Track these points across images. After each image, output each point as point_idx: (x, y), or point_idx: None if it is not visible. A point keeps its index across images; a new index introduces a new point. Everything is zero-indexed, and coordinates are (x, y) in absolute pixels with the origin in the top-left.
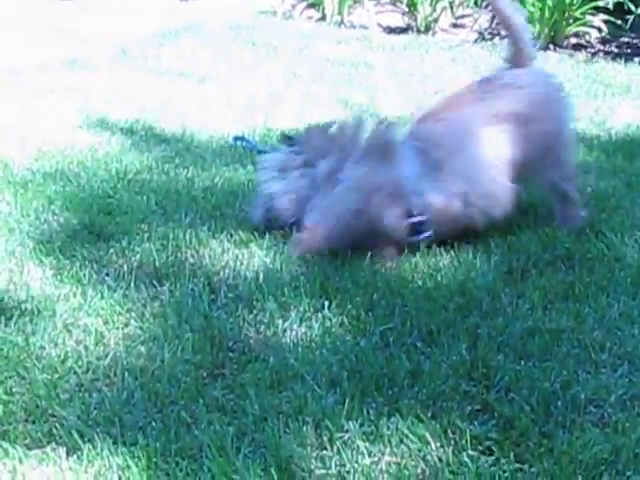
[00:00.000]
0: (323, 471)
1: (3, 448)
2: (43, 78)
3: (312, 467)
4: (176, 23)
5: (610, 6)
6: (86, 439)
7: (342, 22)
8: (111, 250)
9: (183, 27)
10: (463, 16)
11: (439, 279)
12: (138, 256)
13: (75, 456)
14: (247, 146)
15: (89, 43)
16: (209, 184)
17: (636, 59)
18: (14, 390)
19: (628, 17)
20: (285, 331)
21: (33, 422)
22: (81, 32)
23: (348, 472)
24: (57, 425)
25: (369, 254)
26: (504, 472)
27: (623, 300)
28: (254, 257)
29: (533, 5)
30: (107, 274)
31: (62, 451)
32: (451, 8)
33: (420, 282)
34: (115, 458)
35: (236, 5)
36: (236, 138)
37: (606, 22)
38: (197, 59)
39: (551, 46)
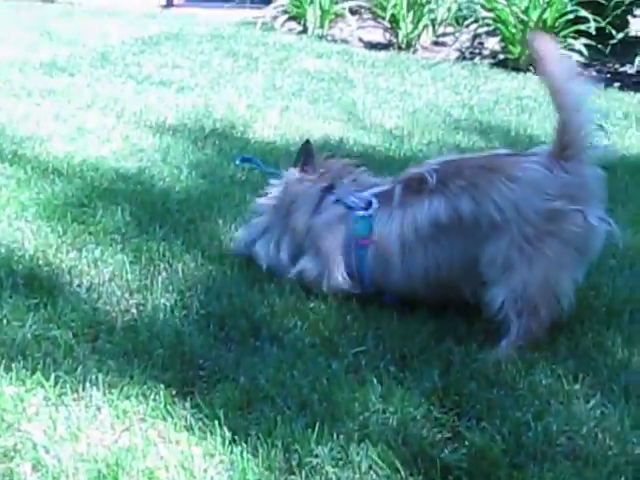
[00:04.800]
0: None
1: None
2: (22, 80)
3: None
4: (158, 30)
5: (592, 31)
6: (52, 455)
7: (323, 36)
8: (83, 260)
9: (164, 35)
10: (444, 34)
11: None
12: (111, 268)
13: (40, 473)
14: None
15: (69, 46)
16: (185, 197)
17: (616, 84)
18: None
19: (609, 42)
20: (256, 350)
21: None
22: (62, 35)
23: None
24: (23, 440)
25: None
26: None
27: (597, 329)
28: (227, 273)
29: (515, 27)
30: (79, 285)
31: (27, 467)
32: (433, 26)
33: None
34: (80, 476)
35: (218, 14)
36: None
37: (587, 46)
38: (177, 67)
39: (531, 68)
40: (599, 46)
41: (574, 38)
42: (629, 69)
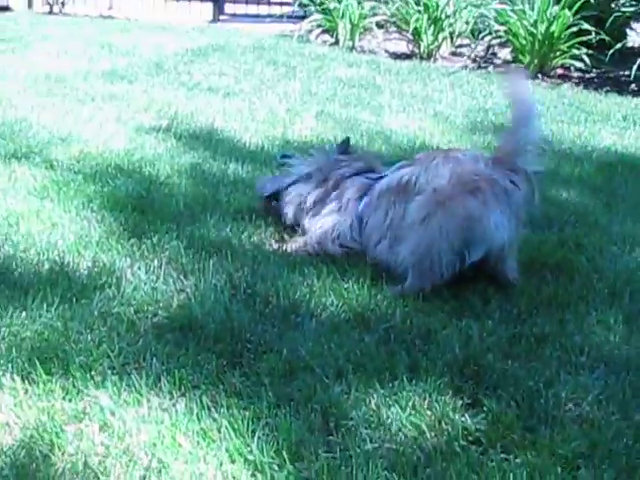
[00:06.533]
0: (329, 454)
1: (42, 422)
2: (86, 87)
3: (319, 451)
4: (206, 42)
5: (593, 42)
6: (117, 417)
7: (353, 47)
8: (143, 246)
9: (212, 46)
10: (461, 45)
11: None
12: (167, 252)
13: (107, 433)
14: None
15: (127, 57)
16: (232, 189)
17: (615, 90)
18: (53, 371)
19: (608, 52)
20: (297, 326)
21: (70, 400)
22: (121, 47)
23: (351, 456)
24: (91, 404)
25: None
26: (491, 462)
27: (600, 308)
28: (270, 258)
29: (525, 38)
30: (139, 268)
31: (95, 427)
32: (451, 38)
33: None
34: (142, 435)
35: (259, 28)
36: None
37: (589, 56)
38: (223, 75)
39: (540, 75)
40: (600, 56)
41: (577, 48)
42: (627, 77)
